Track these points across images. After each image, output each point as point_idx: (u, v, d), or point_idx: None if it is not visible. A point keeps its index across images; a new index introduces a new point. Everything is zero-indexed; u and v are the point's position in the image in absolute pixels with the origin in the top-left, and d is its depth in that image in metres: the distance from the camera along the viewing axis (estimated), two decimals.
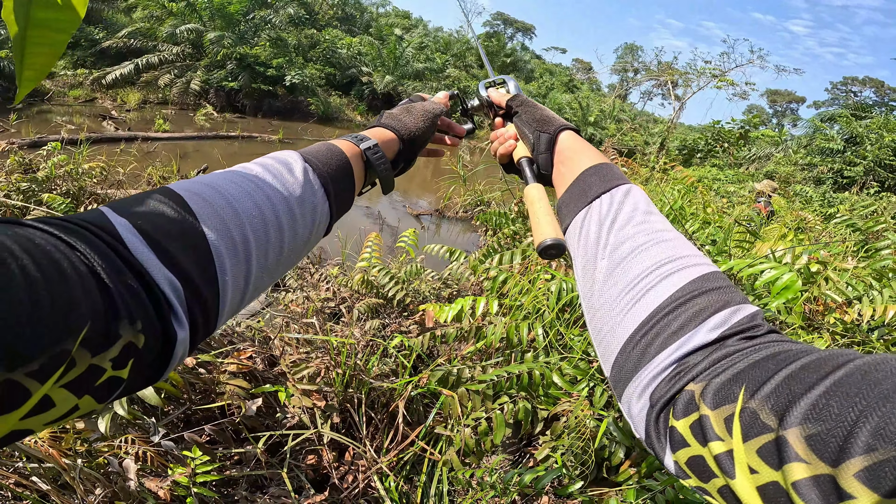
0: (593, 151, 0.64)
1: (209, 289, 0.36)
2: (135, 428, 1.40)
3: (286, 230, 0.46)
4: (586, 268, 0.50)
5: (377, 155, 0.64)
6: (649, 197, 0.55)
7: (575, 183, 0.60)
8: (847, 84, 49.13)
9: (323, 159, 0.56)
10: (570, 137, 0.68)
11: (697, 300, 0.39)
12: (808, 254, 1.83)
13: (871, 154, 13.07)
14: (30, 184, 3.76)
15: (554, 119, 0.72)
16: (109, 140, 8.12)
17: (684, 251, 0.45)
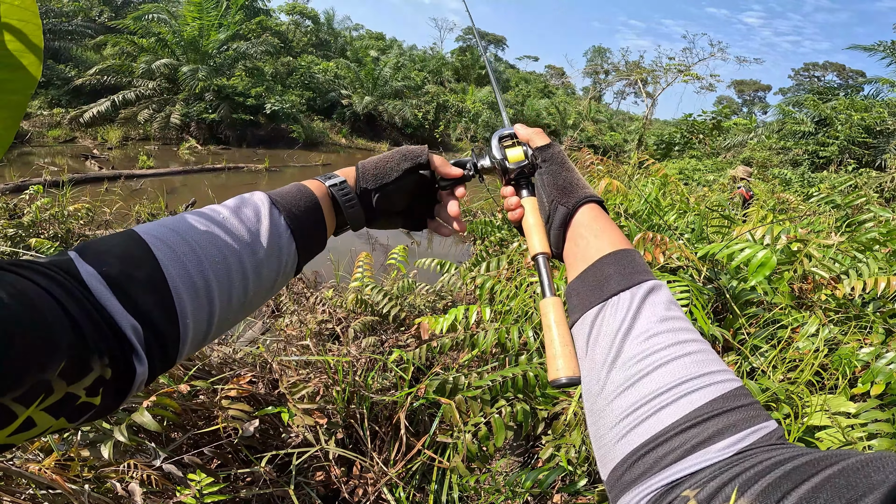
0: (614, 232, 0.58)
1: (170, 330, 0.40)
2: (139, 454, 1.42)
3: (250, 274, 0.48)
4: (595, 371, 0.46)
5: (343, 191, 0.63)
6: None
7: (591, 270, 0.54)
8: (809, 70, 50.41)
9: (291, 200, 0.56)
10: (591, 212, 0.61)
11: (715, 420, 0.38)
12: (787, 233, 1.89)
13: (843, 133, 13.40)
14: (16, 229, 3.74)
15: (577, 188, 0.63)
16: (93, 180, 8.10)
17: (708, 367, 0.42)
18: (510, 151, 0.73)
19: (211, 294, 0.43)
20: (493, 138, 0.76)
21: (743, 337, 1.70)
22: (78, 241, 4.00)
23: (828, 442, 1.28)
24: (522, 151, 0.73)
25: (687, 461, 0.36)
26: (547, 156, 0.69)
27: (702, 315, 1.32)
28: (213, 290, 0.43)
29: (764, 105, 55.64)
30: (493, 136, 0.76)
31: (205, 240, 0.44)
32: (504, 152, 0.74)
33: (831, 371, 1.56)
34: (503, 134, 0.76)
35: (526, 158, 0.72)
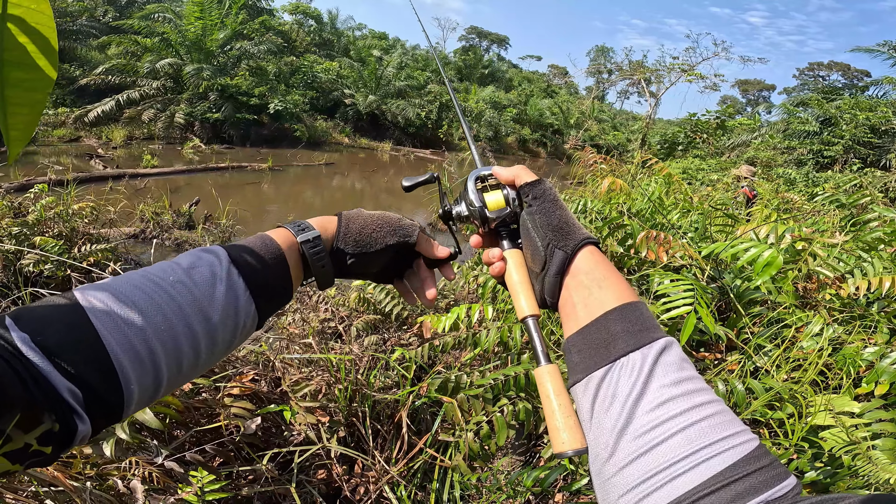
0: (618, 281, 0.54)
1: (112, 395, 0.40)
2: (141, 451, 1.42)
3: (201, 339, 0.47)
4: (603, 436, 0.44)
5: (314, 250, 0.60)
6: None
7: (595, 326, 0.50)
8: (814, 69, 50.22)
9: (253, 257, 0.53)
10: (592, 257, 0.56)
11: (735, 485, 0.37)
12: (791, 232, 1.88)
13: (848, 133, 13.34)
14: (21, 227, 3.76)
15: (574, 229, 0.58)
16: (97, 179, 8.13)
17: (726, 430, 0.40)
18: (489, 197, 0.65)
19: (156, 361, 0.43)
20: (469, 181, 0.68)
21: (747, 336, 1.69)
22: (82, 240, 4.00)
23: (832, 441, 1.27)
24: (503, 196, 0.65)
25: None
26: (538, 192, 0.61)
27: (706, 314, 1.31)
28: (158, 358, 0.43)
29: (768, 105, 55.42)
30: (469, 177, 0.68)
31: (150, 307, 0.43)
32: (482, 198, 0.65)
33: (835, 371, 1.56)
34: (480, 174, 0.68)
35: (507, 205, 0.64)
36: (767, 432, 1.46)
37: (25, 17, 0.38)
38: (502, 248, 0.64)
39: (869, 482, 1.17)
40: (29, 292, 2.96)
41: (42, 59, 0.40)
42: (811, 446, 1.30)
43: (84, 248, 3.82)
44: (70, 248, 3.85)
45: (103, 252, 3.87)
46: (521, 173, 0.65)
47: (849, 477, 1.23)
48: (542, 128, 27.93)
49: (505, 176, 0.66)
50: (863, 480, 1.19)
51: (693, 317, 1.30)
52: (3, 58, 0.38)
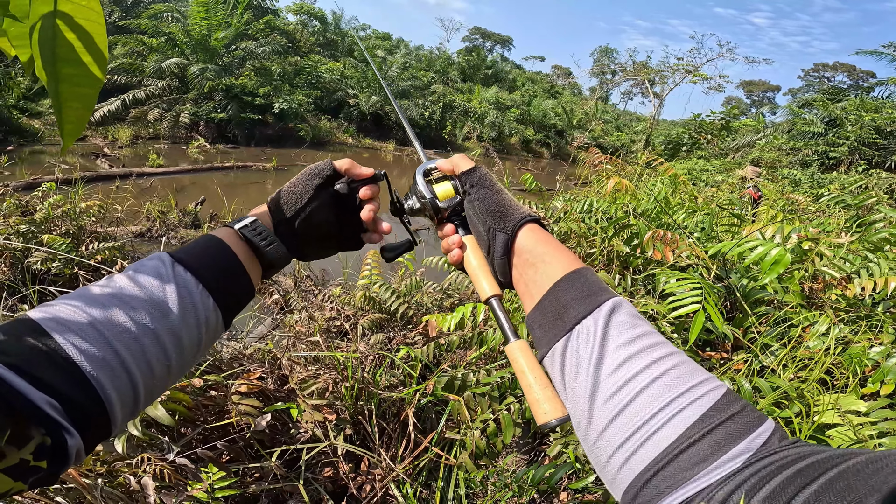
0: (561, 252, 0.55)
1: (92, 403, 0.41)
2: (152, 448, 1.43)
3: (164, 337, 0.47)
4: (578, 404, 0.46)
5: (255, 230, 0.60)
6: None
7: (547, 299, 0.52)
8: (819, 70, 50.01)
9: (197, 254, 0.54)
10: (532, 234, 0.58)
11: (712, 435, 0.38)
12: (797, 232, 1.88)
13: (853, 134, 13.28)
14: (28, 226, 3.79)
15: (512, 210, 0.60)
16: (104, 178, 8.19)
17: (690, 380, 0.42)
18: (438, 188, 0.67)
19: (125, 364, 0.43)
20: (417, 174, 0.69)
21: (753, 335, 1.70)
22: (90, 238, 4.03)
23: (839, 440, 1.27)
24: (451, 186, 0.67)
25: (695, 481, 0.36)
26: (474, 180, 0.64)
27: (715, 313, 1.32)
28: (126, 361, 0.43)
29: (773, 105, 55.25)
30: (417, 172, 0.70)
31: (103, 314, 0.44)
32: (432, 189, 0.67)
33: (841, 370, 1.56)
34: (427, 168, 0.70)
35: (457, 193, 0.66)
36: None
37: (74, 14, 0.39)
38: (458, 233, 0.66)
39: None
40: (37, 290, 2.99)
41: (91, 54, 0.41)
42: (815, 444, 1.30)
43: (91, 247, 3.85)
44: (77, 246, 3.88)
45: (110, 250, 3.89)
46: (459, 162, 0.67)
47: None
48: (546, 128, 27.90)
49: (447, 167, 0.68)
50: None
51: (701, 315, 1.31)
52: (56, 53, 0.39)
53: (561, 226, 2.39)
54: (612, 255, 2.09)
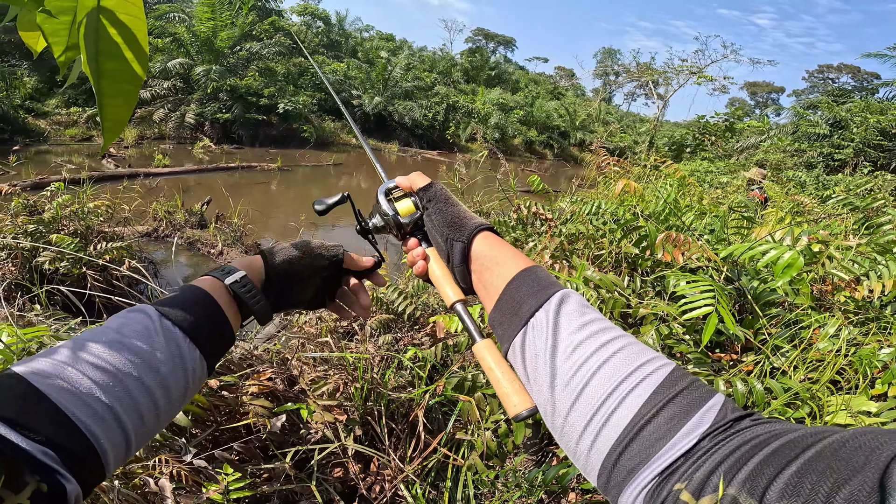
0: (513, 253, 0.60)
1: (86, 452, 0.42)
2: (167, 449, 1.44)
3: (155, 390, 0.48)
4: (542, 393, 0.48)
5: (245, 288, 0.61)
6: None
7: (503, 297, 0.56)
8: (823, 72, 49.85)
9: (183, 307, 0.55)
10: (486, 241, 0.62)
11: (665, 411, 0.39)
12: (808, 234, 1.88)
13: (859, 136, 13.23)
14: (37, 225, 3.82)
15: (467, 220, 0.64)
16: (111, 178, 8.23)
17: (637, 360, 0.44)
18: (400, 205, 0.71)
19: (118, 417, 0.44)
20: (379, 194, 0.73)
21: (764, 337, 1.70)
22: (97, 237, 4.05)
23: None
24: (412, 202, 0.71)
25: (660, 458, 0.38)
26: (431, 195, 0.68)
27: (728, 315, 1.32)
28: (118, 413, 0.44)
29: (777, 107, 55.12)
30: (379, 191, 0.74)
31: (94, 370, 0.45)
32: (394, 207, 0.71)
33: (850, 372, 1.56)
34: (388, 187, 0.74)
35: (417, 209, 0.70)
36: None
37: (116, 10, 0.39)
38: (421, 247, 0.70)
39: None
40: (45, 290, 3.00)
41: (133, 50, 0.41)
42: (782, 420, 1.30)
43: (99, 246, 3.87)
44: (85, 245, 3.90)
45: (118, 250, 3.92)
46: (416, 179, 0.71)
47: None
48: (549, 130, 27.87)
49: (405, 184, 0.72)
50: None
51: (714, 317, 1.31)
52: (98, 48, 0.40)
53: (569, 227, 2.40)
54: (621, 257, 2.09)
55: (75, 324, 1.93)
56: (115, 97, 0.43)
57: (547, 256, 2.21)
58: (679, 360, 1.78)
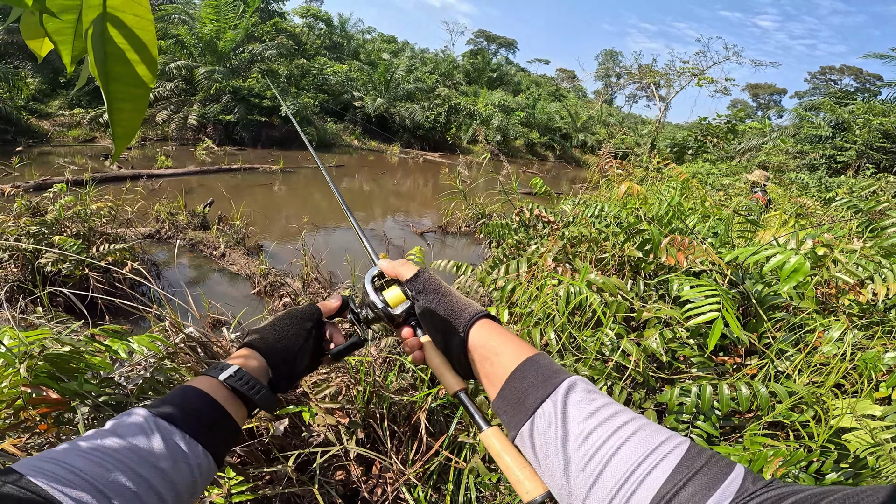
0: (512, 341, 0.59)
1: None
2: None
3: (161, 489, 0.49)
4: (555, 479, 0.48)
5: (241, 381, 0.61)
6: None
7: (507, 387, 0.55)
8: (826, 73, 49.75)
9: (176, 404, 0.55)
10: (483, 331, 0.61)
11: (687, 488, 0.39)
12: (813, 237, 1.88)
13: (861, 138, 13.19)
14: (39, 227, 3.82)
15: (461, 311, 0.63)
16: (114, 179, 8.24)
17: (652, 441, 0.44)
18: (389, 295, 0.69)
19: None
20: (366, 282, 0.72)
21: (768, 340, 1.69)
22: (100, 239, 4.05)
23: (855, 443, 1.27)
24: (402, 290, 0.69)
25: None
26: (419, 286, 0.67)
27: (733, 321, 1.31)
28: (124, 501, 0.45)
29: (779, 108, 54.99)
30: (366, 279, 0.73)
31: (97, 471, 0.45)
32: (383, 298, 0.69)
33: (855, 376, 1.55)
34: (374, 274, 0.73)
35: (407, 298, 0.69)
36: (792, 434, 1.45)
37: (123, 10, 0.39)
38: (417, 335, 0.69)
39: (892, 482, 1.17)
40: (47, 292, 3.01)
41: (140, 53, 0.41)
42: (835, 448, 1.30)
43: (102, 248, 3.87)
44: (88, 247, 3.90)
45: (121, 251, 3.92)
46: (401, 270, 0.70)
47: (871, 478, 1.23)
48: (551, 131, 27.88)
49: (390, 272, 0.71)
50: (885, 480, 1.19)
51: (720, 322, 1.31)
52: (106, 51, 0.39)
53: (571, 230, 2.39)
54: (624, 261, 2.09)
55: (77, 326, 1.93)
56: (126, 101, 0.43)
57: (550, 259, 2.20)
58: (682, 364, 1.78)
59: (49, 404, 1.21)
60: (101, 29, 0.40)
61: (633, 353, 1.62)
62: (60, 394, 1.22)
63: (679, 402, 1.53)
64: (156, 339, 1.57)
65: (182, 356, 1.79)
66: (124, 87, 0.42)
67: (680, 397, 1.53)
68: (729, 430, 1.66)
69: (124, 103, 0.42)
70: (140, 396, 1.43)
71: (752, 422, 1.54)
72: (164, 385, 1.59)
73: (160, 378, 1.54)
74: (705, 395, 1.45)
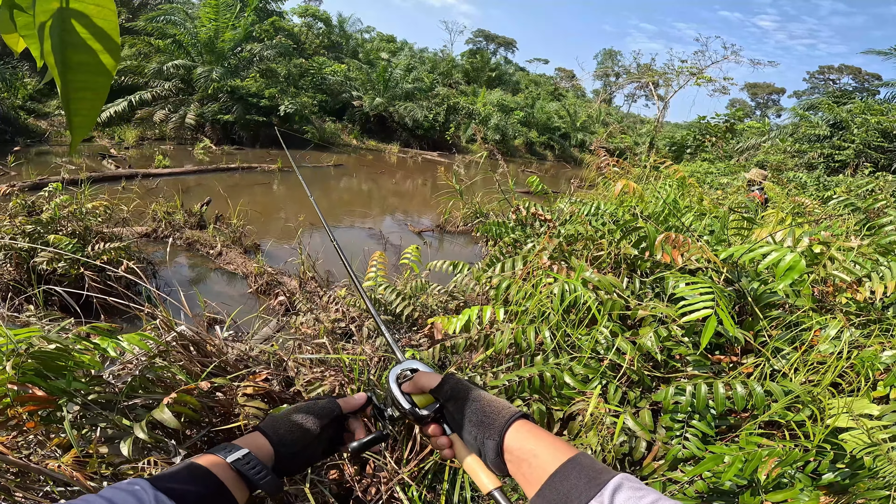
0: (551, 443, 0.59)
1: None
2: (157, 451, 1.43)
3: None
4: None
5: (248, 465, 0.61)
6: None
7: (547, 488, 0.55)
8: (824, 73, 49.76)
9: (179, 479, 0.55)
10: (519, 434, 0.61)
11: None
12: (809, 235, 1.86)
13: (859, 137, 13.20)
14: (35, 226, 3.81)
15: (494, 415, 0.63)
16: (110, 179, 8.22)
17: None
18: (417, 396, 0.69)
19: None
20: (391, 381, 0.72)
21: (764, 339, 1.68)
22: (96, 238, 4.03)
23: (852, 443, 1.26)
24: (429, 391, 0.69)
25: None
26: (447, 394, 0.67)
27: (727, 318, 1.30)
28: None
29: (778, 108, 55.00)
30: (390, 378, 0.72)
31: None
32: (410, 399, 0.69)
33: (852, 375, 1.54)
34: (398, 373, 0.73)
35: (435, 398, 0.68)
36: (788, 434, 1.44)
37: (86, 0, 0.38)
38: (446, 433, 0.68)
39: (889, 483, 1.16)
40: (42, 290, 2.99)
41: (102, 41, 0.40)
42: (831, 447, 1.29)
43: (97, 247, 3.86)
44: (83, 246, 3.89)
45: (116, 251, 3.90)
46: (424, 382, 0.70)
47: (868, 478, 1.22)
48: (550, 131, 27.87)
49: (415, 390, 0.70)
50: (882, 481, 1.18)
51: (714, 319, 1.30)
52: (65, 40, 0.38)
53: (568, 228, 2.38)
54: (621, 258, 2.08)
55: (68, 324, 1.92)
56: (86, 90, 0.42)
57: (545, 257, 2.19)
58: (679, 363, 1.76)
59: (36, 402, 1.19)
60: (60, 17, 0.39)
61: (628, 351, 1.61)
62: (48, 392, 1.21)
63: (674, 401, 1.51)
64: (147, 337, 1.56)
65: (174, 354, 1.78)
66: (85, 76, 0.42)
67: (675, 396, 1.52)
68: (725, 429, 1.65)
69: (85, 92, 0.41)
70: (129, 394, 1.42)
71: (748, 421, 1.53)
72: (155, 384, 1.58)
73: (150, 376, 1.53)
74: (700, 393, 1.44)
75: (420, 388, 0.70)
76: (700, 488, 1.36)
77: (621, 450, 1.61)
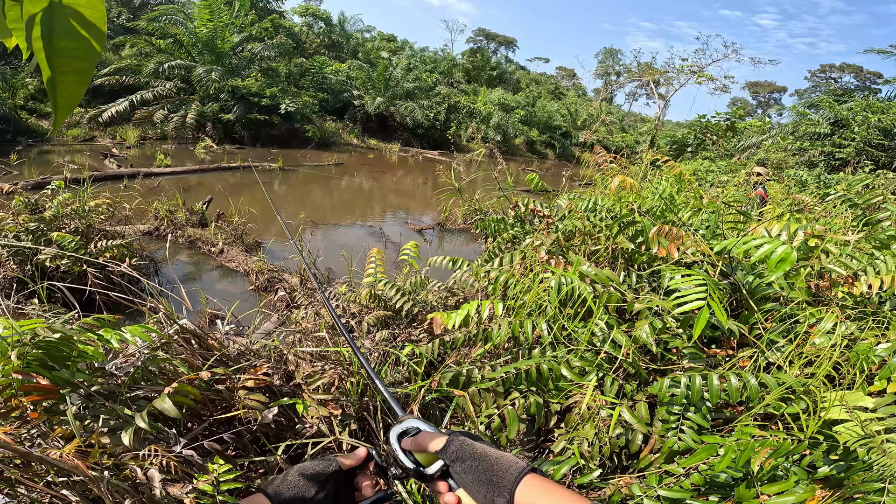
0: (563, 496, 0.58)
1: None
2: (158, 441, 1.44)
3: None
4: None
5: None
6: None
7: None
8: (826, 71, 49.59)
9: None
10: (529, 490, 0.59)
11: None
12: (804, 229, 1.88)
13: (860, 135, 13.18)
14: (38, 223, 3.83)
15: (502, 473, 0.61)
16: (112, 178, 8.25)
17: None
18: (420, 455, 0.68)
19: None
20: (392, 442, 0.70)
21: (759, 332, 1.69)
22: (98, 236, 4.05)
23: (846, 435, 1.27)
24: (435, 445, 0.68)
25: None
26: (452, 456, 0.65)
27: (719, 309, 1.32)
28: None
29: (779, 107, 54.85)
30: (391, 437, 0.71)
31: None
32: (414, 458, 0.68)
33: (847, 368, 1.56)
34: (398, 432, 0.72)
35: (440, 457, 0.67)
36: (782, 427, 1.46)
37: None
38: (452, 489, 0.67)
39: (883, 475, 1.17)
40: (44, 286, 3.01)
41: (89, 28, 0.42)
42: (825, 439, 1.30)
43: (100, 244, 3.88)
44: (86, 243, 3.91)
45: (119, 248, 3.93)
46: (428, 444, 0.68)
47: (863, 471, 1.23)
48: (551, 129, 27.87)
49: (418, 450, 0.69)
50: (877, 473, 1.19)
51: (706, 311, 1.31)
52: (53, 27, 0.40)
53: (566, 223, 2.40)
54: (618, 253, 2.09)
55: (69, 317, 1.94)
56: (69, 74, 0.44)
57: (543, 252, 2.21)
58: (675, 356, 1.78)
59: (40, 392, 1.21)
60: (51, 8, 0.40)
61: (623, 343, 1.63)
62: (52, 382, 1.23)
63: (670, 393, 1.53)
64: (149, 329, 1.58)
65: (176, 347, 1.80)
66: (70, 61, 0.43)
67: (670, 388, 1.53)
68: (721, 422, 1.67)
69: (68, 76, 0.43)
70: (131, 385, 1.44)
71: (743, 414, 1.54)
72: (157, 375, 1.60)
73: (153, 368, 1.55)
74: (695, 385, 1.45)
75: (423, 448, 0.69)
76: (696, 481, 1.37)
77: (618, 442, 1.63)
